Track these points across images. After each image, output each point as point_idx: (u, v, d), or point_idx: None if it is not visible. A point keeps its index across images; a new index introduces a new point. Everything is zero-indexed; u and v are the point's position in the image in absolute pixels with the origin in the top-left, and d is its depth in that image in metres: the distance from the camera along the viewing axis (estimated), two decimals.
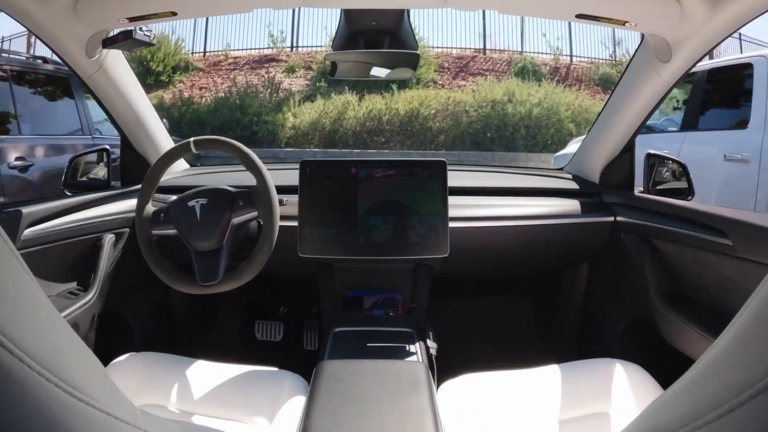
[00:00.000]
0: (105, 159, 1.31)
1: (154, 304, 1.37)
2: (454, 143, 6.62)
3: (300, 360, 1.09)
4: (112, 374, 0.87)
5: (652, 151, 1.26)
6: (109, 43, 1.00)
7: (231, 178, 1.28)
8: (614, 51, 9.60)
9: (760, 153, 2.48)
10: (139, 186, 1.00)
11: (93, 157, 1.31)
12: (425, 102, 6.76)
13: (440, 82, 7.94)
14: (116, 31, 1.00)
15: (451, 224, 1.07)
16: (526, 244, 1.22)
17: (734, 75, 2.92)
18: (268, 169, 0.97)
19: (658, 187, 1.25)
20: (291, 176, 1.11)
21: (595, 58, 9.35)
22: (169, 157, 0.99)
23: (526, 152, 6.45)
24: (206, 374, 0.91)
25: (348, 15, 0.98)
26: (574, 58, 9.31)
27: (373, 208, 1.07)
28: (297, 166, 1.09)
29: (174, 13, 0.91)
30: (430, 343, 0.98)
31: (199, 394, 0.87)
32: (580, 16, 0.90)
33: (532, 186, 1.31)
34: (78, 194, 1.16)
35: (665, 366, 0.92)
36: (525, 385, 0.88)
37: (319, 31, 9.31)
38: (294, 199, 1.09)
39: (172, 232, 0.95)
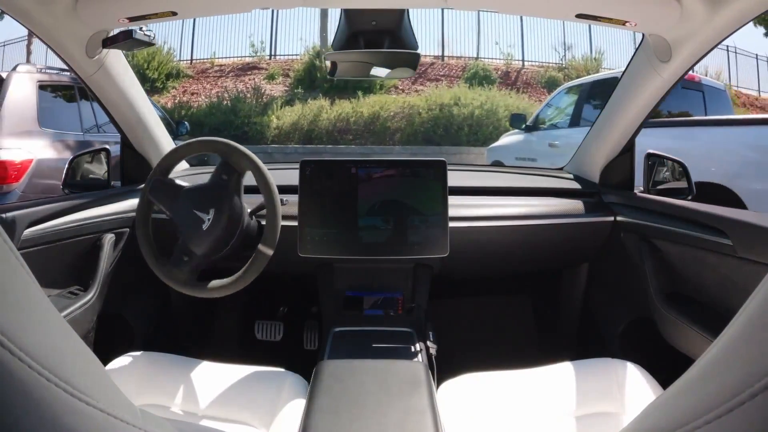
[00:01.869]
0: (105, 159, 1.31)
1: (154, 304, 1.37)
2: (409, 140, 7.97)
3: (300, 360, 1.09)
4: (112, 374, 0.86)
5: (652, 151, 1.26)
6: (109, 43, 1.00)
7: None
8: (564, 55, 10.50)
9: None
10: (140, 186, 1.00)
11: (93, 157, 1.31)
12: (385, 106, 8.23)
13: (400, 87, 9.17)
14: (116, 31, 1.00)
15: (451, 224, 1.07)
16: (526, 244, 1.22)
17: (607, 86, 3.66)
18: (269, 169, 0.97)
19: (658, 187, 1.25)
20: (291, 176, 1.11)
21: (545, 63, 10.41)
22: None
23: (469, 147, 7.63)
24: (206, 374, 0.91)
25: (348, 15, 0.98)
26: (526, 63, 10.39)
27: (373, 208, 1.07)
28: (297, 165, 1.09)
29: (174, 13, 0.91)
30: (430, 343, 0.97)
31: (199, 394, 0.87)
32: (580, 16, 0.90)
33: (531, 186, 1.31)
34: (78, 194, 1.16)
35: (665, 366, 0.92)
36: (525, 385, 0.88)
37: (295, 40, 10.80)
38: (294, 198, 1.09)
39: (204, 262, 0.95)
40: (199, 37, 10.16)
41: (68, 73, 3.06)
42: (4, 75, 2.71)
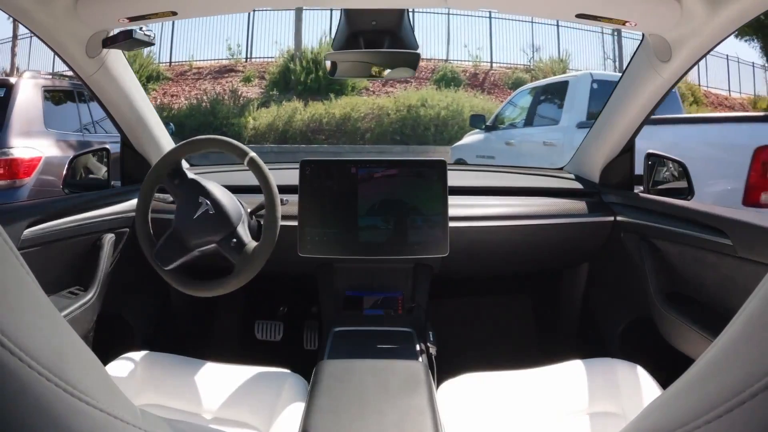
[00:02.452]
0: (105, 159, 1.31)
1: (154, 304, 1.37)
2: (378, 139, 8.37)
3: (300, 360, 1.09)
4: (112, 374, 0.87)
5: (652, 151, 1.26)
6: (109, 42, 1.00)
7: (232, 177, 1.28)
8: (532, 57, 11.01)
9: (563, 140, 3.72)
10: (139, 186, 1.00)
11: (93, 157, 1.31)
12: (356, 107, 8.65)
13: (371, 89, 9.57)
14: (116, 31, 1.00)
15: (451, 224, 1.07)
16: (525, 244, 1.22)
17: (557, 88, 4.11)
18: (270, 169, 0.97)
19: (658, 187, 1.25)
20: (291, 176, 1.11)
21: (513, 64, 10.93)
22: (222, 144, 0.99)
23: (435, 146, 7.98)
24: (206, 374, 0.91)
25: (348, 15, 0.98)
26: (494, 65, 10.89)
27: (373, 208, 1.07)
28: (297, 165, 1.09)
29: (174, 13, 0.91)
30: (430, 343, 0.98)
31: (199, 394, 0.87)
32: (580, 16, 0.90)
33: (532, 186, 1.31)
34: (78, 194, 1.16)
35: (665, 366, 0.92)
36: (524, 385, 0.88)
37: (271, 43, 11.19)
38: (294, 198, 1.09)
39: (168, 203, 0.97)
40: (177, 40, 10.47)
41: (68, 78, 3.39)
42: (12, 80, 2.98)
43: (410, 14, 1.01)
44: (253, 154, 0.97)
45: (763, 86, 12.19)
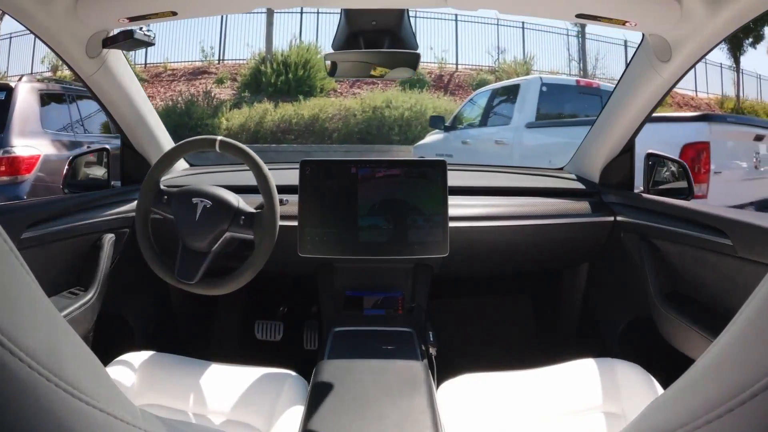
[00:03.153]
0: (105, 159, 1.31)
1: (154, 304, 1.37)
2: (344, 139, 8.76)
3: (300, 360, 1.09)
4: (112, 374, 0.87)
5: (652, 151, 1.26)
6: (109, 43, 1.00)
7: (231, 177, 1.28)
8: (497, 58, 11.44)
9: (513, 139, 4.08)
10: (140, 186, 1.00)
11: (93, 157, 1.31)
12: (324, 108, 9.08)
13: (339, 91, 9.99)
14: (116, 31, 1.00)
15: (451, 224, 1.07)
16: (525, 244, 1.22)
17: (510, 91, 4.46)
18: (269, 169, 0.97)
19: (658, 187, 1.25)
20: (291, 176, 1.11)
21: (477, 66, 11.34)
22: (190, 145, 0.99)
23: (399, 145, 8.35)
24: (206, 374, 0.91)
25: (348, 15, 0.98)
26: (460, 66, 11.27)
27: (373, 208, 1.07)
28: (297, 165, 1.09)
29: (174, 13, 0.91)
30: (430, 343, 0.98)
31: (199, 394, 0.87)
32: (580, 16, 0.90)
33: (531, 186, 1.31)
34: (78, 194, 1.16)
35: (665, 366, 0.92)
36: (524, 385, 0.88)
37: (243, 46, 11.47)
38: (294, 198, 1.09)
39: (168, 217, 0.96)
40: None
41: (57, 81, 3.66)
42: (12, 84, 3.20)
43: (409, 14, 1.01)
44: (251, 152, 0.97)
45: (731, 87, 12.56)
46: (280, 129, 8.79)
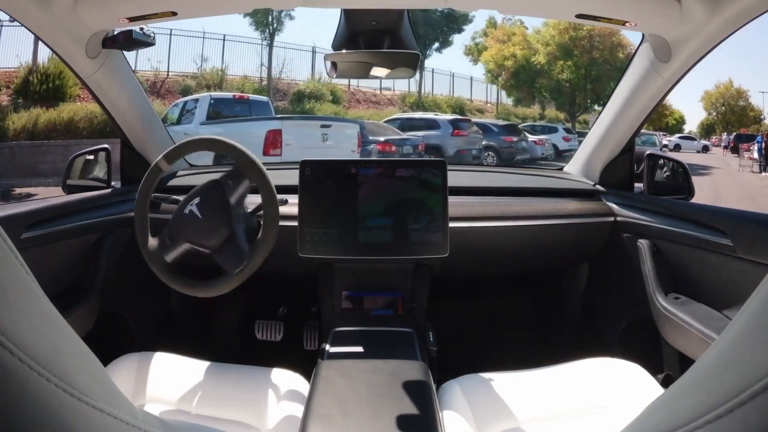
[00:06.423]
0: (105, 158, 1.31)
1: (154, 304, 1.37)
2: (91, 134, 9.63)
3: (300, 360, 1.09)
4: (112, 374, 0.86)
5: (652, 151, 1.27)
6: (109, 43, 1.00)
7: None
8: (201, 66, 13.52)
9: (194, 131, 6.01)
10: (139, 185, 1.00)
11: (93, 157, 1.31)
12: (76, 112, 10.06)
13: (82, 97, 10.49)
14: (116, 31, 1.00)
15: (451, 224, 1.07)
16: (526, 244, 1.22)
17: (195, 101, 7.45)
18: (269, 169, 0.97)
19: (658, 187, 1.25)
20: (291, 176, 1.11)
21: (185, 73, 13.28)
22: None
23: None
24: (206, 374, 0.91)
25: (348, 15, 0.98)
26: (170, 74, 12.93)
27: (373, 208, 1.07)
28: (297, 166, 1.09)
29: (174, 13, 0.91)
30: (430, 343, 0.97)
31: (199, 394, 0.87)
32: (580, 16, 0.90)
33: (532, 186, 1.31)
34: (78, 194, 1.16)
35: (665, 366, 0.92)
36: (525, 384, 0.88)
37: (12, 56, 11.71)
38: (294, 198, 1.09)
39: (185, 247, 0.94)
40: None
41: None
42: None
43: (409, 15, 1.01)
44: (248, 152, 0.96)
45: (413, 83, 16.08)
46: (49, 129, 10.40)
